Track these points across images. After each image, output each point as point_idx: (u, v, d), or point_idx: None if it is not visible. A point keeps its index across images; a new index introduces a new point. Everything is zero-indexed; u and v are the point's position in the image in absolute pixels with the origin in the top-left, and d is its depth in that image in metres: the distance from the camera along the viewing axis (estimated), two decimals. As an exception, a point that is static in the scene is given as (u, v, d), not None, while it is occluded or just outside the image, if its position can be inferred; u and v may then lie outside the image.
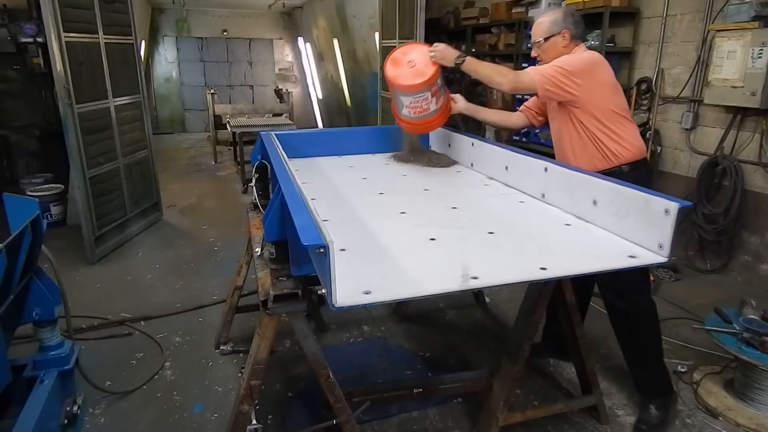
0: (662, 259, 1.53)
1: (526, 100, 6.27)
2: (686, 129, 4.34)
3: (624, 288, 2.25)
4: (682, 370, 2.70)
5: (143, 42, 9.65)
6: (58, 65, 3.66)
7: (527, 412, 2.29)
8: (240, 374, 2.39)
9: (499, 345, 2.95)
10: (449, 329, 3.20)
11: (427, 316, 3.33)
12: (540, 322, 2.09)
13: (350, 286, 1.32)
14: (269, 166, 2.18)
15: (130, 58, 4.68)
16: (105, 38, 4.23)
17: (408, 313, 3.30)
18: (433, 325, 3.24)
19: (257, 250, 1.91)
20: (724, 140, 4.01)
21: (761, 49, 3.47)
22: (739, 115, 3.87)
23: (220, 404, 2.45)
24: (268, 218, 1.68)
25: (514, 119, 2.75)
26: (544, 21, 2.31)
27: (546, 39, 2.29)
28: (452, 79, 8.22)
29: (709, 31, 4.03)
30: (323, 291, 1.33)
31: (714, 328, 2.44)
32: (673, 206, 1.49)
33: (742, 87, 3.66)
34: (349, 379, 2.60)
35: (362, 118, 8.63)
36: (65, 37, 3.71)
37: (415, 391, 2.30)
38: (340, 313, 3.23)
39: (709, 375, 2.62)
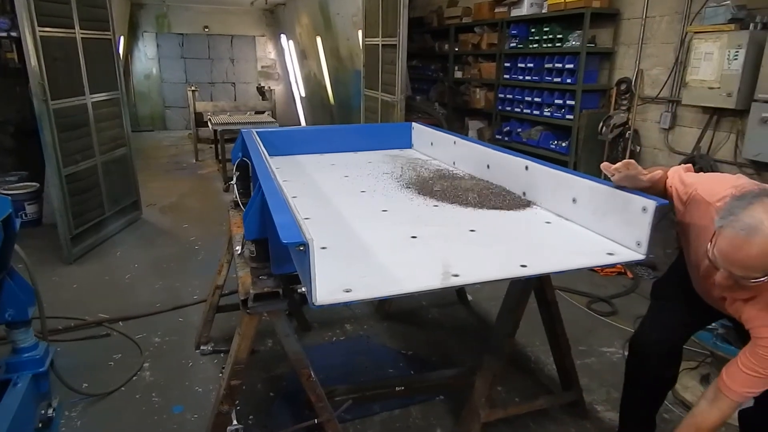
0: (640, 257, 1.56)
1: (508, 100, 6.24)
2: (665, 129, 4.42)
3: None
4: (660, 365, 2.74)
5: (122, 38, 9.47)
6: (32, 60, 3.57)
7: (509, 408, 2.30)
8: (221, 374, 2.36)
9: (482, 342, 2.96)
10: (432, 327, 3.21)
11: (409, 314, 3.33)
12: (521, 318, 2.10)
13: (331, 284, 1.32)
14: (250, 164, 2.16)
15: (107, 54, 4.59)
16: (82, 33, 4.14)
17: (391, 311, 3.30)
18: (416, 323, 3.24)
19: (237, 248, 1.88)
20: (701, 140, 4.08)
21: (737, 51, 3.55)
22: (715, 115, 3.95)
23: (200, 405, 2.42)
24: (248, 216, 1.66)
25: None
26: None
27: None
28: (435, 78, 8.24)
29: (687, 33, 4.10)
30: (304, 289, 1.32)
31: (691, 324, 2.48)
32: (651, 204, 1.51)
33: (719, 88, 3.73)
34: (332, 378, 2.58)
35: (346, 116, 8.60)
36: (40, 31, 3.62)
37: (397, 389, 2.31)
38: (322, 311, 3.21)
39: (686, 370, 2.66)
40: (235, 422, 1.94)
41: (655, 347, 1.87)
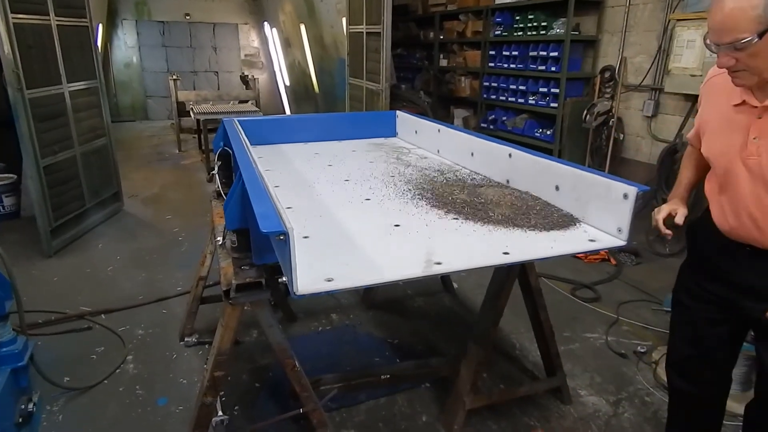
0: (621, 243, 1.57)
1: (493, 88, 6.22)
2: (647, 117, 4.46)
3: None
4: (642, 350, 2.79)
5: (100, 25, 9.25)
6: (5, 48, 3.47)
7: (493, 395, 2.33)
8: (205, 366, 2.34)
9: (467, 330, 2.98)
10: (418, 316, 3.22)
11: (395, 303, 3.33)
12: (505, 306, 2.11)
13: (312, 273, 1.31)
14: (232, 154, 2.13)
15: (85, 42, 4.47)
16: (57, 20, 4.03)
17: (376, 300, 3.30)
18: (402, 312, 3.25)
19: (219, 239, 1.86)
20: (683, 128, 4.13)
21: (718, 38, 3.57)
22: (697, 103, 3.99)
23: (185, 397, 2.40)
24: (228, 206, 1.65)
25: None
26: (748, 6, 1.24)
27: (762, 34, 1.25)
28: (420, 66, 8.20)
29: (669, 21, 4.12)
30: (285, 279, 1.31)
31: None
32: (632, 190, 1.52)
33: (701, 75, 3.77)
34: (318, 367, 2.58)
35: (331, 104, 8.53)
36: (13, 18, 3.50)
37: (383, 377, 2.31)
38: (308, 301, 3.20)
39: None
40: (220, 413, 1.94)
41: (685, 364, 1.80)
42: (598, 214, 1.66)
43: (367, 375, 2.35)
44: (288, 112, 11.29)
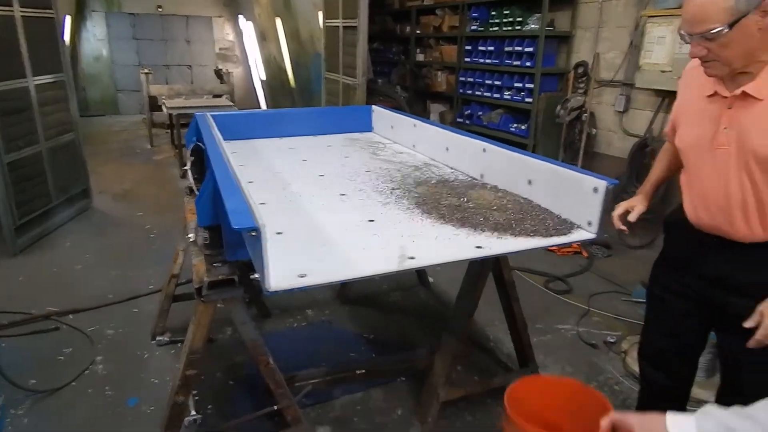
0: (591, 236, 1.59)
1: (469, 83, 6.25)
2: (619, 112, 4.54)
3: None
4: (612, 340, 2.85)
5: (68, 17, 8.96)
6: (-35, 39, 3.34)
7: (468, 387, 2.34)
8: (178, 365, 2.30)
9: (443, 324, 3.00)
10: (393, 310, 3.22)
11: (371, 298, 3.33)
12: (479, 299, 2.13)
13: (285, 269, 1.29)
14: (205, 149, 2.09)
15: (51, 34, 4.33)
16: (21, 11, 3.88)
17: (352, 295, 3.29)
18: (378, 306, 3.25)
19: (191, 236, 1.83)
20: (653, 123, 4.21)
21: (686, 36, 3.64)
22: (667, 98, 4.08)
23: (156, 397, 2.36)
24: (200, 202, 1.62)
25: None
26: None
27: (732, 25, 1.28)
28: (396, 61, 8.17)
29: (641, 17, 4.19)
30: (258, 275, 1.29)
31: (641, 300, 2.57)
32: (602, 184, 1.55)
33: (671, 71, 3.84)
34: (293, 364, 2.56)
35: (307, 99, 8.45)
36: (-27, 8, 3.38)
37: (357, 372, 2.31)
38: (283, 298, 3.17)
39: (636, 344, 2.77)
40: (193, 412, 1.91)
41: (659, 356, 1.83)
42: (569, 208, 1.68)
43: (342, 370, 2.34)
44: (264, 106, 11.15)
